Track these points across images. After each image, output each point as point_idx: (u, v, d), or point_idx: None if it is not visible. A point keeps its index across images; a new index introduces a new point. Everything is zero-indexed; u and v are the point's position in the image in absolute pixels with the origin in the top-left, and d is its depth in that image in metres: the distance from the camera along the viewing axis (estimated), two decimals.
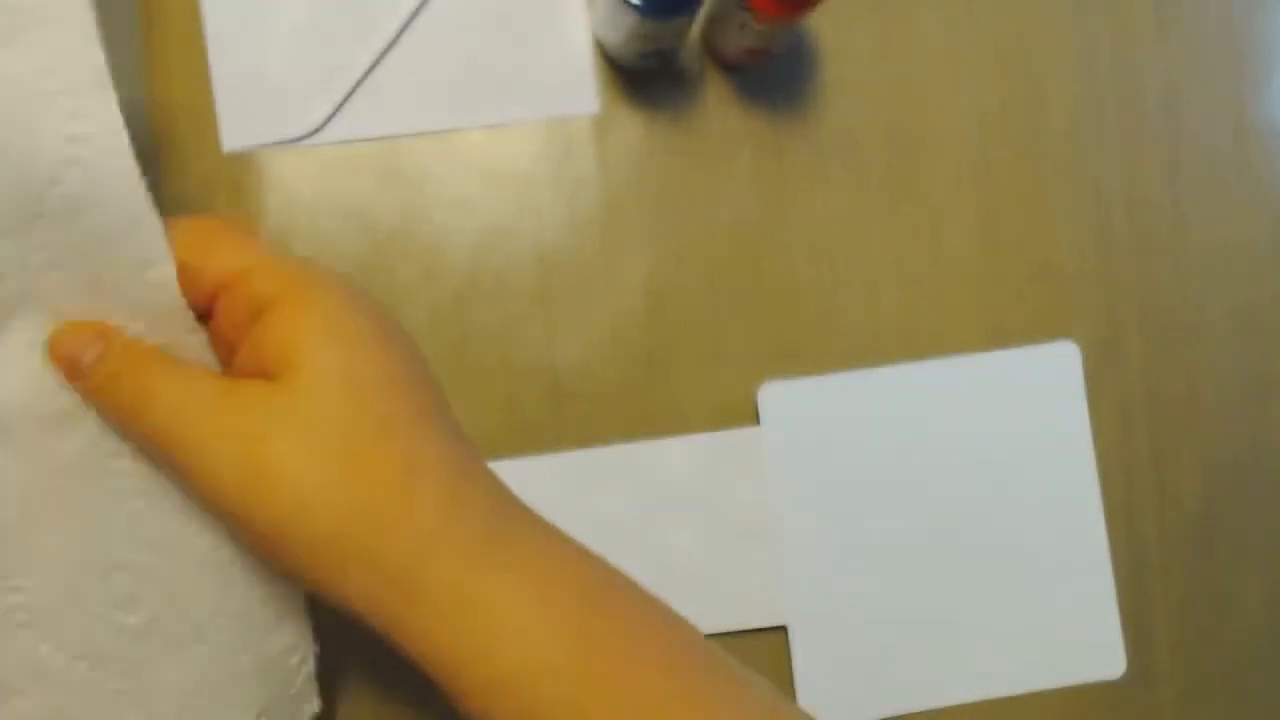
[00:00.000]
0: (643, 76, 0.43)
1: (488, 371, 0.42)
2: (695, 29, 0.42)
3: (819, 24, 0.43)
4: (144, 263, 0.27)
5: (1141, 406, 0.44)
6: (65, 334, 0.28)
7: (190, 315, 0.29)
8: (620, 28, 0.38)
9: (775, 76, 0.43)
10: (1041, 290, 0.44)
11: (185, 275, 0.28)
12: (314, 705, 0.35)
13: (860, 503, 0.42)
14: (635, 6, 0.36)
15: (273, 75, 0.41)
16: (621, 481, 0.42)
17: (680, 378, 0.42)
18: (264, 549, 0.28)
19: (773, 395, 0.42)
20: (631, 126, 0.43)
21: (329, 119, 0.42)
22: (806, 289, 0.43)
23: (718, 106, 0.43)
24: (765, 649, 0.42)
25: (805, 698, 0.42)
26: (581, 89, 0.42)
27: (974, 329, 0.43)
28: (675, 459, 0.42)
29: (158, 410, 0.27)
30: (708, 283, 0.43)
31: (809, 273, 0.43)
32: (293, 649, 0.34)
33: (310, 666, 0.34)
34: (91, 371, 0.28)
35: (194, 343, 0.29)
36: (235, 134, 0.41)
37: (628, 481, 0.42)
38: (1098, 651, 0.43)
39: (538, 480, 0.42)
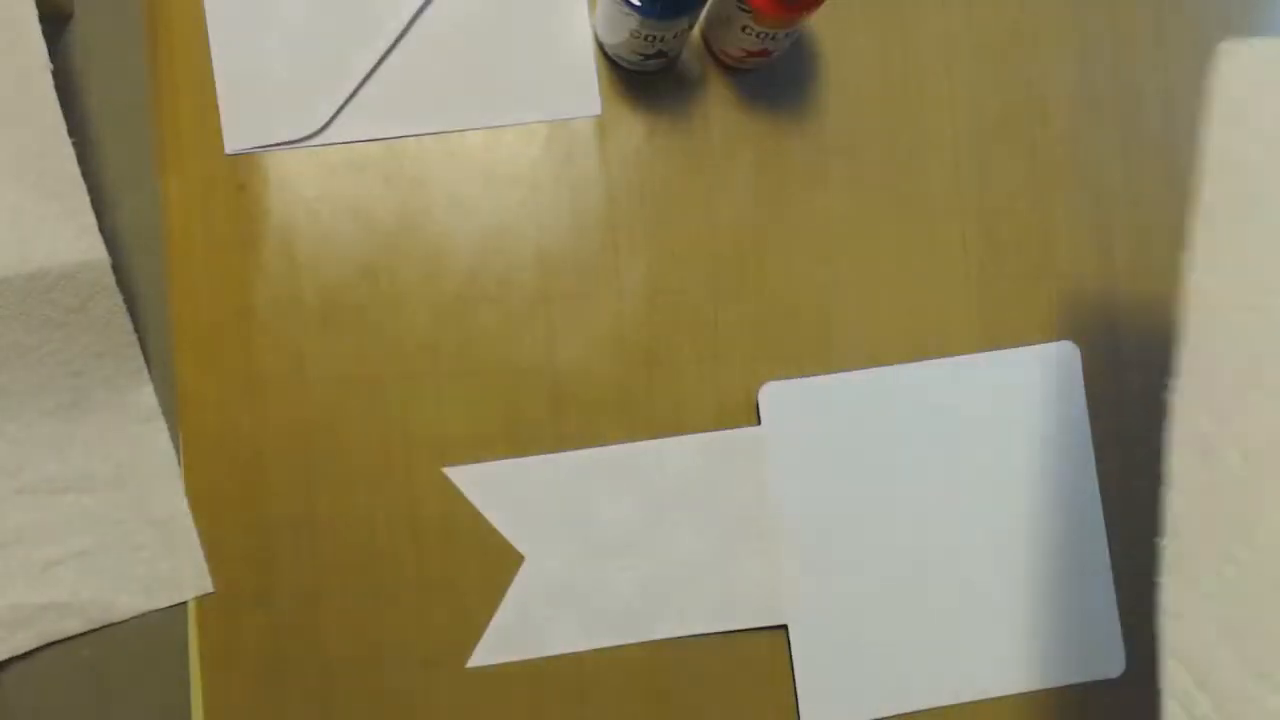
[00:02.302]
0: (644, 78, 0.43)
1: (489, 371, 0.42)
2: (696, 31, 0.43)
3: (819, 26, 0.43)
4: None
5: (1141, 406, 0.44)
6: None
7: None
8: (622, 30, 0.38)
9: (776, 78, 0.43)
10: (1041, 290, 0.44)
11: None
12: None
13: (860, 502, 0.42)
14: (636, 8, 0.36)
15: (275, 78, 0.42)
16: (623, 481, 0.42)
17: (680, 378, 0.42)
18: None
19: (773, 395, 0.42)
20: (633, 128, 0.43)
21: (331, 121, 0.42)
22: (806, 289, 0.43)
23: (719, 108, 0.43)
24: (765, 648, 0.42)
25: (806, 697, 0.42)
26: (583, 91, 0.42)
27: (973, 329, 0.44)
28: (676, 458, 0.42)
29: None
30: (708, 283, 0.43)
31: (809, 273, 0.43)
32: None
33: None
34: None
35: None
36: (238, 136, 0.42)
37: (629, 481, 0.42)
38: (1098, 651, 0.43)
39: (540, 480, 0.42)
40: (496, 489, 0.42)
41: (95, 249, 0.39)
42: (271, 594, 0.41)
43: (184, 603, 0.41)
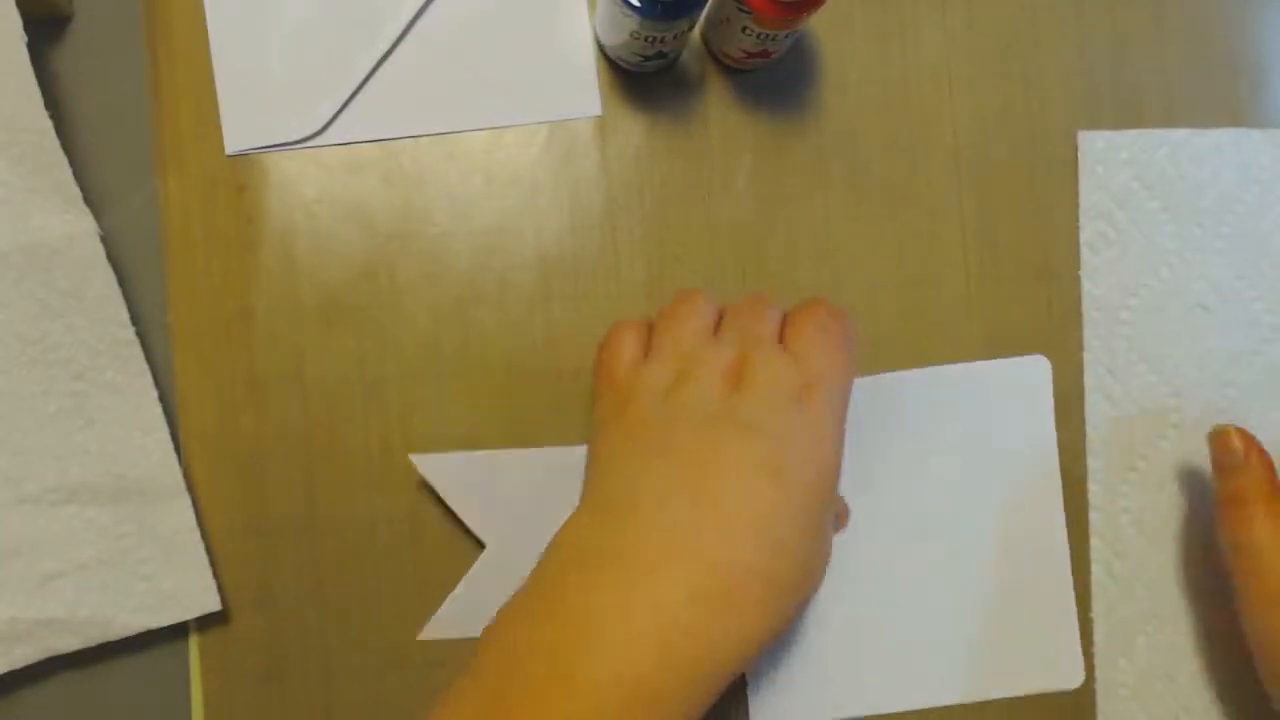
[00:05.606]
0: (644, 79, 0.43)
1: (489, 372, 0.42)
2: (696, 32, 0.43)
3: (819, 26, 0.43)
4: None
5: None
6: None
7: None
8: (621, 30, 0.38)
9: (776, 78, 0.43)
10: (1041, 292, 0.44)
11: None
12: None
13: None
14: (636, 9, 0.36)
15: (276, 78, 0.42)
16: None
17: None
18: None
19: None
20: (633, 128, 0.43)
21: (331, 121, 0.42)
22: (806, 290, 0.43)
23: (719, 108, 0.43)
24: None
25: (756, 699, 0.42)
26: (583, 91, 0.42)
27: (971, 332, 0.43)
28: None
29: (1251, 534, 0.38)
30: (708, 284, 0.43)
31: (809, 274, 0.43)
32: None
33: None
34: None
35: None
36: (238, 136, 0.42)
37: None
38: (1057, 662, 0.43)
39: (510, 474, 0.42)
40: (464, 480, 0.42)
41: (83, 219, 0.39)
42: (272, 596, 0.42)
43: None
